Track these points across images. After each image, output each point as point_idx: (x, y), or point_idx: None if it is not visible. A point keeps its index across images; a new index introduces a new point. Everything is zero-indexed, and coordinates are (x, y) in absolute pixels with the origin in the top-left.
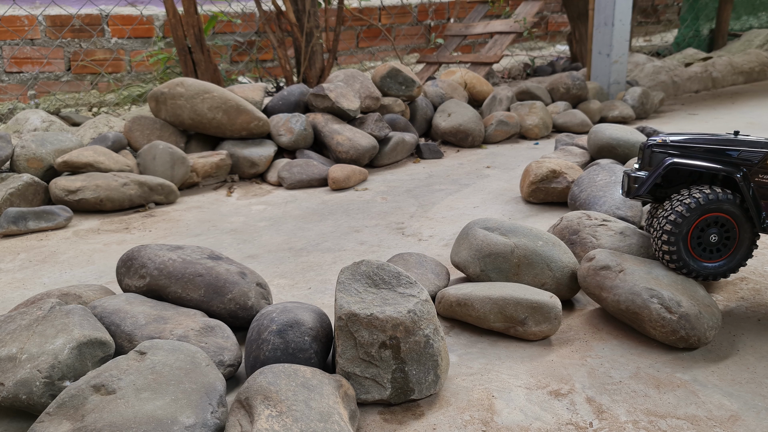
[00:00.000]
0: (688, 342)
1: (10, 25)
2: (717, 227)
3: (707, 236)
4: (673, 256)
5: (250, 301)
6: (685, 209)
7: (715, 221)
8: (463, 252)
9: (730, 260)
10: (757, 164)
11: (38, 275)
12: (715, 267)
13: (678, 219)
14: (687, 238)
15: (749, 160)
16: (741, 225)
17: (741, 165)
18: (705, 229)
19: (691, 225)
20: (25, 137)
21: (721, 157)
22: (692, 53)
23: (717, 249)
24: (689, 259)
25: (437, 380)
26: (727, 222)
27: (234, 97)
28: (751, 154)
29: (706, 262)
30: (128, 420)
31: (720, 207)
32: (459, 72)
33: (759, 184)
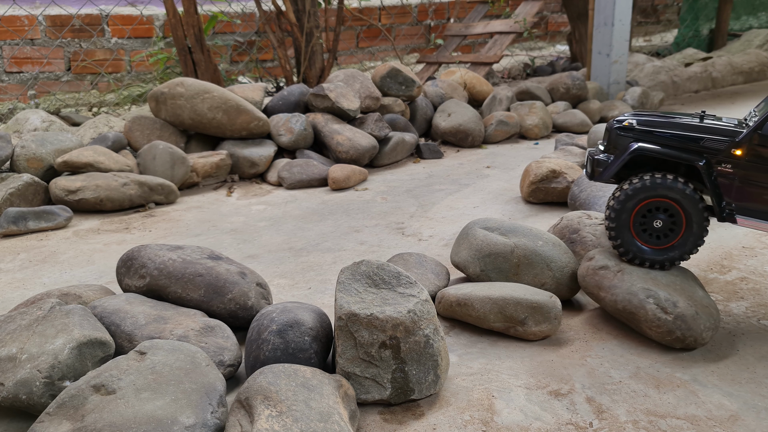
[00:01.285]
0: (685, 342)
1: (10, 25)
2: (662, 213)
3: (651, 222)
4: (617, 241)
5: (250, 301)
6: (624, 195)
7: (659, 207)
8: (463, 252)
9: (676, 248)
10: (721, 153)
11: (38, 275)
12: (660, 253)
13: (616, 205)
14: (630, 223)
15: (713, 149)
16: (688, 212)
17: (705, 153)
18: (648, 215)
19: (633, 210)
20: (25, 137)
21: (686, 143)
22: (692, 53)
23: (664, 235)
24: (632, 245)
25: (437, 380)
26: (672, 208)
27: (234, 97)
28: (715, 143)
29: (651, 248)
30: (128, 420)
31: (664, 193)
32: (459, 72)
33: (721, 173)
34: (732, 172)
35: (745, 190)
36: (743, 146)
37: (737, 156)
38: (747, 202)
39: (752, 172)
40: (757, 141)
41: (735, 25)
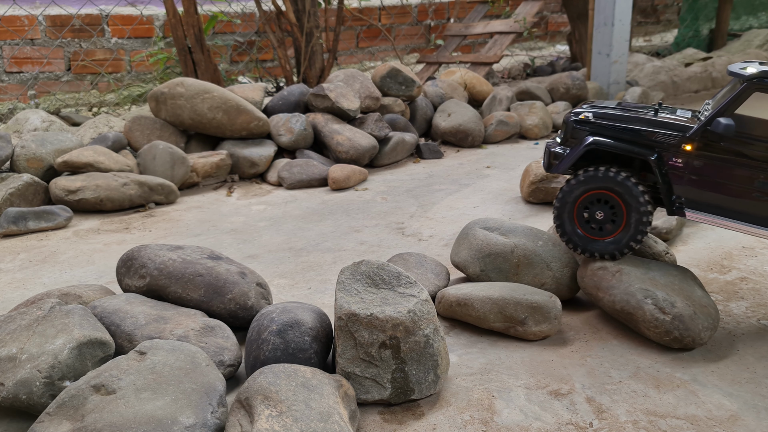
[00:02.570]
0: (683, 343)
1: (10, 25)
2: (603, 205)
3: (593, 213)
4: (559, 230)
5: (250, 301)
6: (567, 187)
7: (601, 199)
8: (463, 252)
9: (617, 239)
10: (672, 147)
11: (38, 275)
12: (601, 245)
13: (561, 196)
14: (573, 214)
15: (665, 143)
16: (628, 204)
17: (656, 147)
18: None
19: (576, 202)
20: (25, 137)
21: (639, 138)
22: (692, 53)
23: (610, 224)
24: (574, 235)
25: (437, 380)
26: (613, 200)
27: (234, 97)
28: (666, 137)
29: (593, 238)
30: (128, 420)
31: (604, 185)
32: (459, 72)
33: (672, 167)
34: (682, 167)
35: (695, 184)
36: (693, 142)
37: (687, 151)
38: (696, 196)
39: (701, 166)
40: (705, 137)
41: (735, 25)
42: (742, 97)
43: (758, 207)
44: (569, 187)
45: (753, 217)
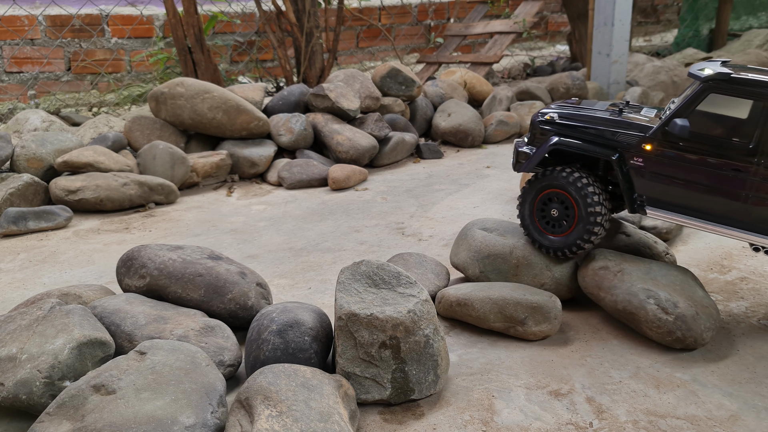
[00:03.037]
0: (685, 343)
1: (10, 25)
2: (558, 204)
3: (549, 211)
4: (524, 228)
5: (250, 301)
6: (528, 185)
7: (556, 197)
8: (462, 253)
9: (571, 236)
10: (633, 147)
11: (38, 275)
12: (556, 241)
13: (522, 195)
14: (533, 212)
15: (626, 143)
16: (578, 202)
17: (618, 147)
18: (548, 204)
19: (534, 200)
20: (25, 137)
21: (602, 138)
22: (692, 53)
23: (561, 223)
24: (535, 232)
25: (437, 380)
26: (565, 198)
27: (234, 97)
28: (628, 137)
29: (550, 235)
30: (128, 420)
31: (559, 184)
32: (459, 72)
33: (633, 167)
34: (643, 166)
35: (655, 182)
36: (653, 142)
37: (647, 151)
38: (656, 194)
39: (660, 165)
40: (664, 137)
41: (735, 25)
42: (699, 98)
43: (714, 204)
44: (530, 184)
45: (709, 215)
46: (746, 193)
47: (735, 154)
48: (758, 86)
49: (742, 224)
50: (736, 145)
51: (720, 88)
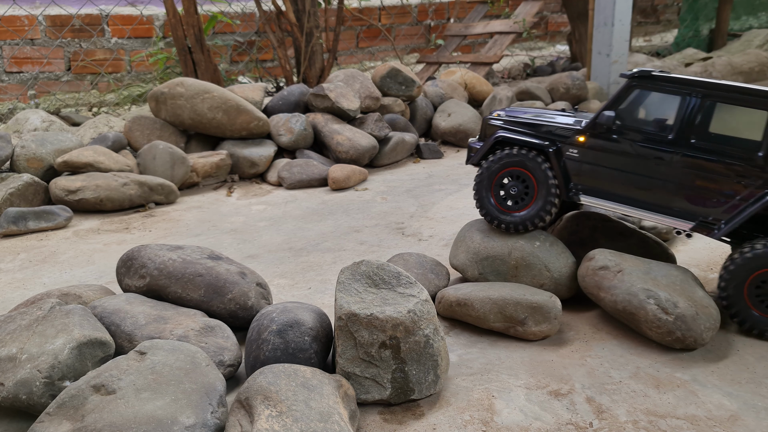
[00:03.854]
0: (685, 343)
1: (10, 25)
2: (517, 181)
3: (509, 189)
4: (478, 205)
5: (250, 301)
6: (486, 164)
7: (516, 175)
8: (461, 255)
9: (527, 213)
10: (568, 140)
11: (38, 275)
12: (518, 216)
13: (478, 173)
14: (491, 191)
15: (562, 135)
16: (539, 181)
17: (556, 140)
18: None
19: (493, 177)
20: (25, 137)
21: (541, 132)
22: (692, 53)
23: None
24: (495, 211)
25: (437, 380)
26: (525, 176)
27: (234, 97)
28: (564, 131)
29: (508, 212)
30: (128, 420)
31: (520, 163)
32: (459, 72)
33: (569, 157)
34: (577, 156)
35: (587, 172)
36: (585, 134)
37: (580, 142)
38: (589, 183)
39: (592, 156)
40: (595, 129)
41: (735, 25)
42: (625, 94)
43: (640, 191)
44: (488, 164)
45: (636, 201)
46: (668, 181)
47: (658, 145)
48: (674, 82)
49: (665, 210)
50: (659, 136)
51: (643, 84)
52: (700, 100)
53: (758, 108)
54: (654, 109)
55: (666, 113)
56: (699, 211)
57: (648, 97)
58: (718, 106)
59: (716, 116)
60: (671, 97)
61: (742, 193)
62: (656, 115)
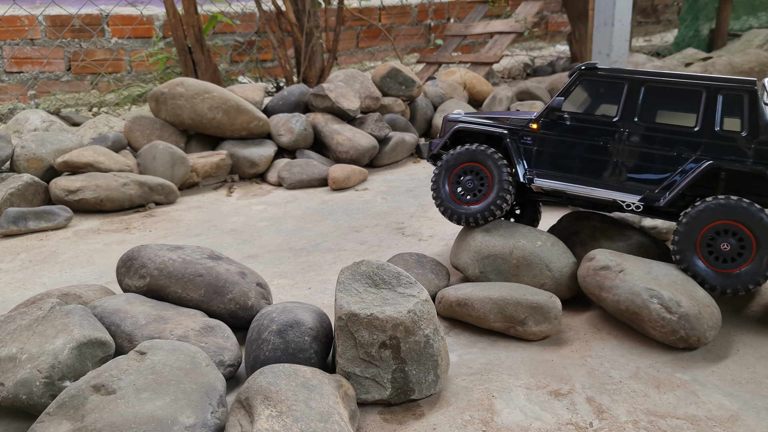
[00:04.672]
0: (688, 342)
1: (10, 25)
2: (472, 175)
3: (465, 183)
4: (437, 201)
5: (250, 301)
6: (444, 160)
7: (471, 170)
8: (462, 254)
9: (482, 205)
10: (523, 128)
11: (38, 275)
12: (473, 209)
13: (436, 169)
14: (447, 186)
15: (518, 125)
16: (494, 175)
17: (511, 130)
18: (462, 177)
19: (450, 173)
20: (25, 137)
21: (498, 125)
22: (692, 53)
23: (478, 192)
24: (452, 204)
25: (437, 380)
26: (480, 170)
27: (234, 97)
28: (519, 122)
29: (467, 205)
30: (128, 420)
31: (475, 158)
32: (459, 72)
33: (524, 144)
34: (531, 144)
35: (541, 157)
36: (538, 122)
37: (534, 129)
38: (543, 168)
39: (545, 142)
40: (547, 117)
41: (735, 25)
42: (573, 84)
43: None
44: (445, 160)
45: (587, 180)
46: (615, 159)
47: (604, 126)
48: (617, 72)
49: (614, 186)
50: (605, 118)
51: (589, 75)
52: (641, 87)
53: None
54: (600, 96)
55: (611, 99)
56: (645, 185)
57: (594, 86)
58: (656, 90)
59: (657, 99)
60: (614, 85)
61: (682, 165)
62: (602, 101)
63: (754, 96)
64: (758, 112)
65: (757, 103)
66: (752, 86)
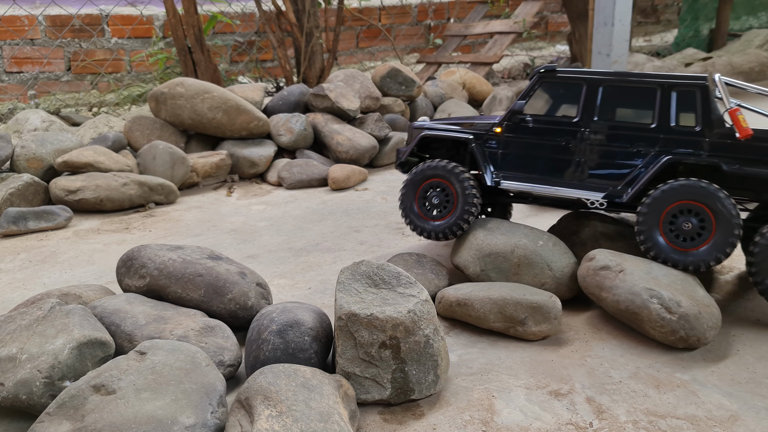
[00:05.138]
0: (688, 342)
1: (10, 25)
2: (438, 191)
3: (430, 198)
4: (405, 218)
5: (250, 301)
6: (409, 176)
7: (436, 185)
8: (463, 252)
9: (447, 221)
10: (487, 132)
11: (38, 275)
12: (439, 225)
13: (403, 184)
14: (414, 200)
15: (482, 129)
16: (458, 191)
17: (476, 134)
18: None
19: (416, 191)
20: (25, 137)
21: (462, 130)
22: (692, 53)
23: (444, 208)
24: (418, 220)
25: (437, 380)
26: (445, 186)
27: (234, 97)
28: (483, 126)
29: (431, 221)
30: (128, 420)
31: (439, 174)
32: (459, 72)
33: (489, 148)
34: (495, 147)
35: (506, 159)
36: (501, 125)
37: (498, 133)
38: (508, 169)
39: (508, 144)
40: (509, 119)
41: (735, 25)
42: (534, 87)
43: (554, 171)
44: (411, 177)
45: (551, 180)
46: (577, 159)
47: (565, 127)
48: (576, 74)
49: (578, 185)
50: (566, 119)
51: (548, 78)
52: (598, 87)
53: (645, 87)
54: (560, 98)
55: (571, 100)
56: (607, 183)
57: (554, 88)
58: (613, 89)
59: (614, 98)
60: (574, 86)
61: (642, 161)
62: (563, 102)
63: (706, 91)
64: (710, 106)
65: (709, 98)
66: (704, 82)
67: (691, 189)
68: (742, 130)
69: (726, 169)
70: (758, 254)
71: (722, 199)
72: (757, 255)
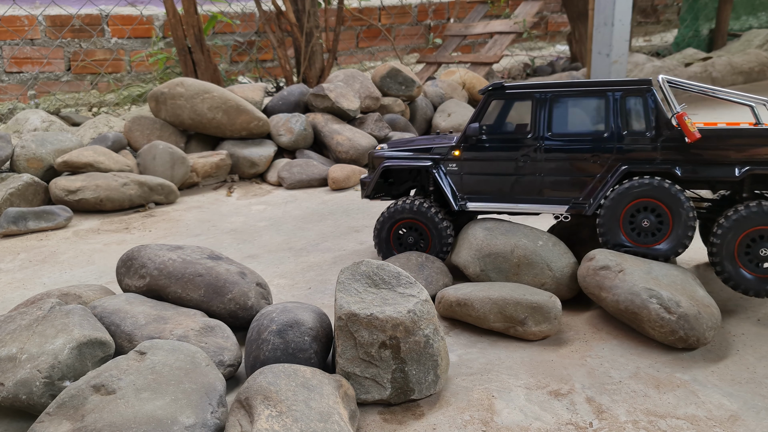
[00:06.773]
0: (687, 342)
1: (10, 25)
2: (413, 231)
3: (405, 238)
4: (379, 253)
5: (250, 301)
6: (383, 216)
7: (411, 226)
8: (463, 252)
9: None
10: (446, 155)
11: (38, 275)
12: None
13: (379, 220)
14: (389, 239)
15: (440, 153)
16: (430, 228)
17: (434, 158)
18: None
19: (390, 229)
20: (25, 137)
21: (421, 155)
22: (692, 53)
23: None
24: (390, 255)
25: (437, 380)
26: (420, 228)
27: (234, 97)
28: (441, 149)
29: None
30: (128, 420)
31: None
32: (459, 72)
33: (450, 172)
34: (456, 170)
35: (468, 181)
36: (459, 148)
37: (456, 156)
38: (472, 191)
39: (469, 165)
40: (465, 141)
41: (735, 25)
42: (484, 106)
43: (516, 188)
44: (387, 213)
45: (515, 197)
46: (537, 175)
47: (521, 144)
48: (524, 89)
49: (542, 200)
50: (520, 136)
51: (498, 95)
52: (547, 100)
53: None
54: (513, 114)
55: (523, 116)
56: (569, 195)
57: (505, 105)
58: (564, 101)
59: (565, 110)
60: (524, 102)
61: (600, 172)
62: (515, 119)
63: (652, 95)
64: (658, 110)
65: (656, 102)
66: (648, 86)
67: (649, 188)
68: (690, 135)
69: (680, 174)
70: (717, 244)
71: (678, 195)
72: (717, 245)
